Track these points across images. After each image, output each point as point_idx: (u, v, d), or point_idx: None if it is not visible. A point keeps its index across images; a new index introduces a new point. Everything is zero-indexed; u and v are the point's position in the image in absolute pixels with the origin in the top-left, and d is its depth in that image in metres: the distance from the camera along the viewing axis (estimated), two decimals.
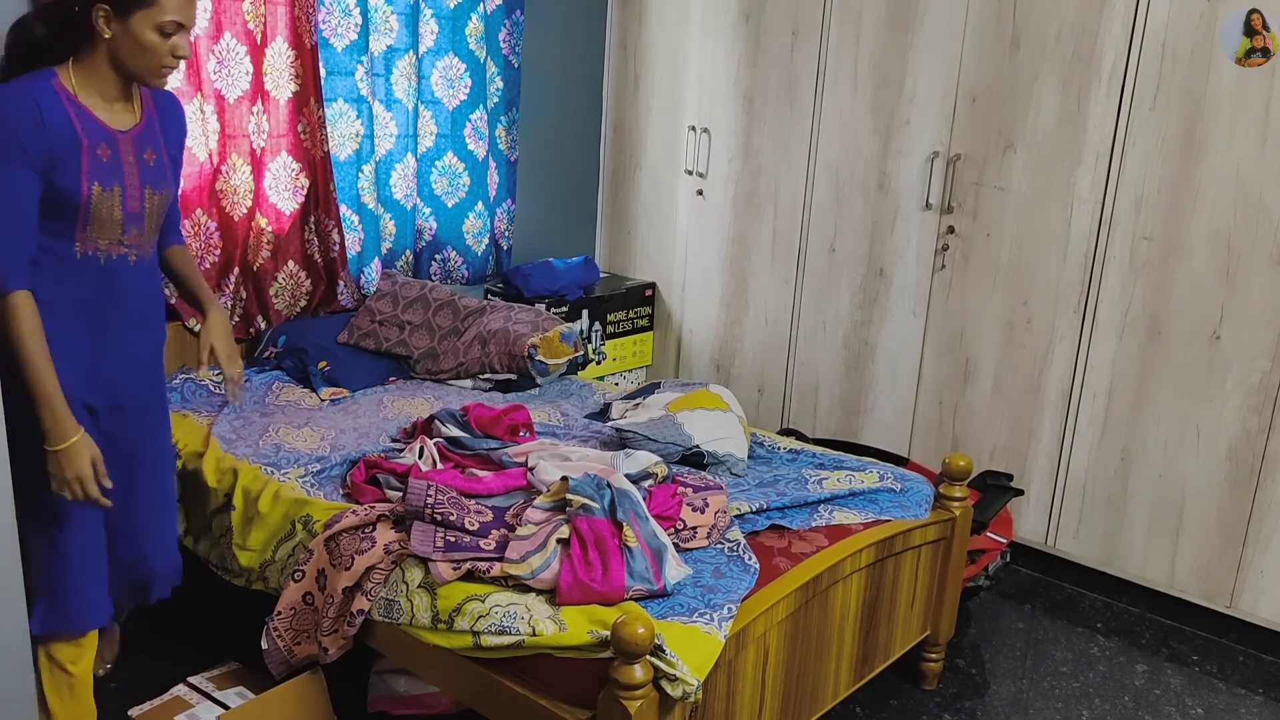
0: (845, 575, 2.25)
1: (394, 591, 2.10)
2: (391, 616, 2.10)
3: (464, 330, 3.40)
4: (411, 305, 3.49)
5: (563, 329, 3.37)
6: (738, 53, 3.93)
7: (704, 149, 4.10)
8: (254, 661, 2.48)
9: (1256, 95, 2.80)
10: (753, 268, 4.02)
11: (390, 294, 3.53)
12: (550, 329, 3.34)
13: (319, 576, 2.24)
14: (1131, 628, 3.16)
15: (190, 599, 2.94)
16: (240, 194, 3.25)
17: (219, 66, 3.14)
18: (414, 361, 3.39)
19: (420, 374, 3.38)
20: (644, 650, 1.72)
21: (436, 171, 3.88)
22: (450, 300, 3.50)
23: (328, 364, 3.22)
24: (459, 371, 3.33)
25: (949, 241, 3.44)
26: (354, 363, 3.30)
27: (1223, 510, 3.00)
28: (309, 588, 2.25)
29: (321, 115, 3.36)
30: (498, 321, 3.37)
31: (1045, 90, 3.17)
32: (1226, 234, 2.90)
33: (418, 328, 3.43)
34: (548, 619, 1.91)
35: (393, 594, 2.10)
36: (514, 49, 4.01)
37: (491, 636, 1.93)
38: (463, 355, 3.33)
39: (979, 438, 3.46)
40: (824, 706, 2.34)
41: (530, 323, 3.35)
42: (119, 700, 2.48)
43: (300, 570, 2.26)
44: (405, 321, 3.45)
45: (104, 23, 1.91)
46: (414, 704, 2.33)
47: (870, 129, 3.58)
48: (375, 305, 3.50)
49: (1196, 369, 2.99)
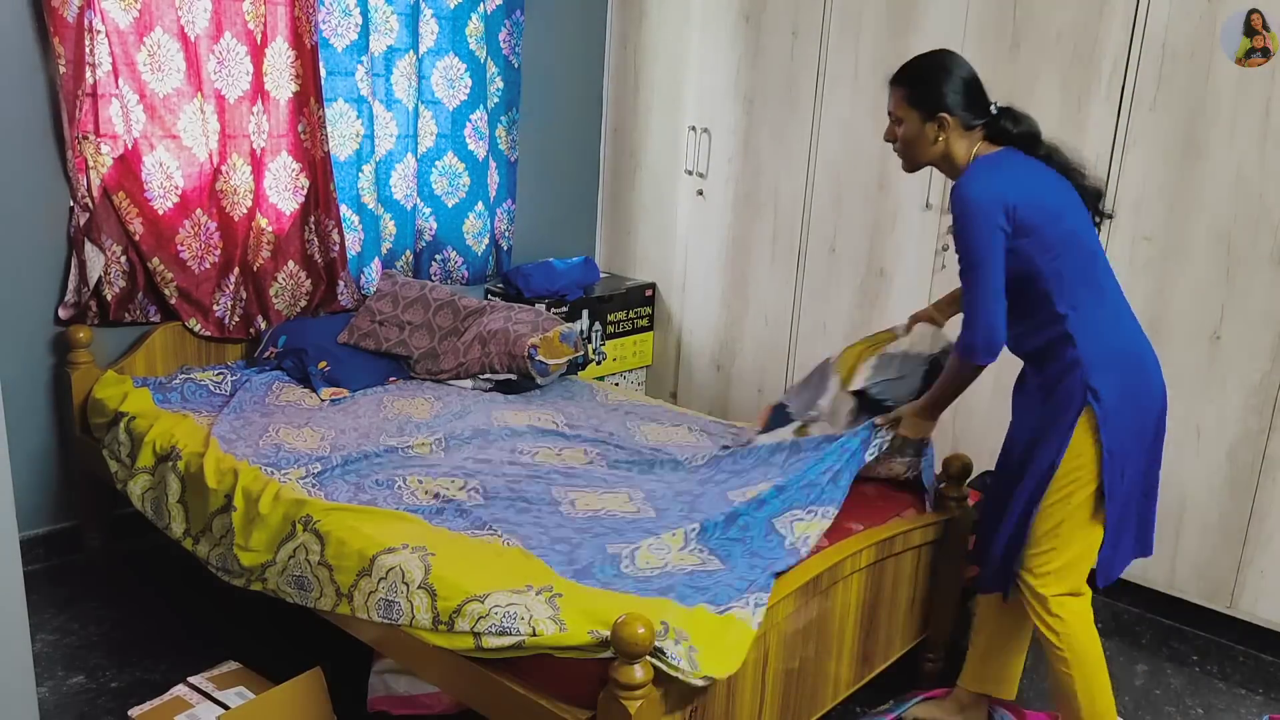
0: (845, 575, 2.25)
1: (394, 592, 2.10)
2: (391, 617, 2.09)
3: (464, 330, 3.40)
4: (411, 305, 3.49)
5: (563, 329, 3.37)
6: (738, 53, 3.93)
7: (704, 149, 4.10)
8: (254, 661, 2.48)
9: (1256, 95, 2.80)
10: (753, 268, 4.02)
11: (390, 294, 3.53)
12: (550, 329, 3.34)
13: None
14: (1131, 628, 3.16)
15: (190, 599, 2.94)
16: (240, 194, 3.25)
17: (219, 66, 3.14)
18: (414, 362, 3.39)
19: (420, 374, 3.38)
20: (644, 650, 1.72)
21: (436, 171, 3.88)
22: (450, 300, 3.50)
23: (327, 364, 3.22)
24: (459, 371, 3.33)
25: (949, 241, 3.44)
26: (354, 363, 3.30)
27: (1223, 510, 3.00)
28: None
29: (321, 115, 3.36)
30: (498, 322, 3.37)
31: (1045, 90, 3.17)
32: (1226, 234, 2.90)
33: (418, 328, 3.43)
34: (548, 619, 1.91)
35: (392, 594, 2.10)
36: (514, 49, 4.01)
37: (492, 638, 1.93)
38: (463, 355, 3.33)
39: (979, 438, 3.45)
40: (824, 707, 2.33)
41: (530, 323, 3.35)
42: (119, 700, 2.48)
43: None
44: (405, 321, 3.45)
45: None
46: (414, 704, 2.33)
47: (870, 129, 3.58)
48: (375, 305, 3.50)
49: (1197, 369, 2.99)
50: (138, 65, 2.98)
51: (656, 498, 2.49)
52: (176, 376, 3.11)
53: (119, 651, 2.69)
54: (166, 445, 2.74)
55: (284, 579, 2.34)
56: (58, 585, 3.00)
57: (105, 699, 2.50)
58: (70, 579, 3.05)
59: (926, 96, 2.21)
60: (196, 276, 3.22)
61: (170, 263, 3.15)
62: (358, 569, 2.19)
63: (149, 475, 2.75)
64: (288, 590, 2.34)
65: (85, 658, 2.66)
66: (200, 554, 2.59)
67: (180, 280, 3.18)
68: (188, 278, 3.20)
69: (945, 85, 2.20)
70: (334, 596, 2.23)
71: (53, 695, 2.50)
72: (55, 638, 2.75)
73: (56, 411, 3.09)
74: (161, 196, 3.10)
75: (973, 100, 2.21)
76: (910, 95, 2.24)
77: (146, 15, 2.97)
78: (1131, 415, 2.17)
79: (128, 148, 3.00)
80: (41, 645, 2.69)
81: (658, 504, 2.45)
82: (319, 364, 3.22)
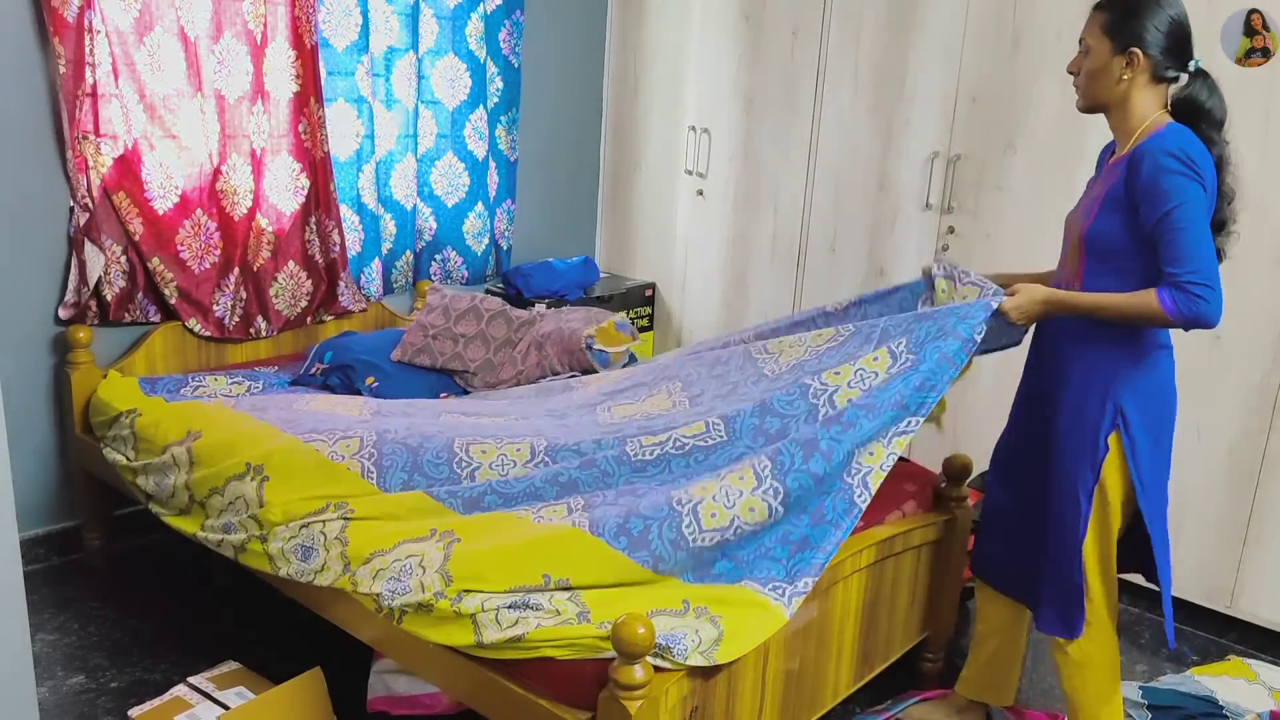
0: (845, 575, 2.25)
1: (406, 573, 2.08)
2: (398, 590, 2.06)
3: (518, 340, 3.32)
4: (464, 317, 3.39)
5: (616, 319, 3.31)
6: (737, 53, 3.93)
7: (704, 149, 4.10)
8: (254, 661, 2.48)
9: (1256, 95, 2.80)
10: (753, 268, 4.02)
11: (440, 307, 3.44)
12: (604, 320, 3.28)
13: None
14: (1131, 628, 3.16)
15: (190, 599, 2.95)
16: (240, 194, 3.25)
17: (219, 66, 3.14)
18: (471, 374, 3.30)
19: (479, 386, 3.27)
20: (644, 650, 1.72)
21: (436, 171, 3.88)
22: (502, 310, 3.41)
23: (375, 379, 3.16)
24: (518, 379, 3.23)
25: (949, 242, 3.44)
26: (403, 378, 3.22)
27: (1223, 510, 3.00)
28: None
29: (321, 115, 3.36)
30: (550, 324, 3.31)
31: (1045, 90, 3.17)
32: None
33: (472, 339, 3.34)
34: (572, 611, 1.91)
35: (404, 575, 2.08)
36: (514, 49, 4.01)
37: (493, 630, 1.92)
38: (520, 363, 3.25)
39: (979, 438, 3.45)
40: (824, 707, 2.33)
41: (582, 319, 3.29)
42: (119, 700, 2.48)
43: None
44: (459, 334, 3.35)
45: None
46: (414, 704, 2.33)
47: (870, 129, 3.58)
48: (427, 320, 3.41)
49: (1197, 369, 2.99)
50: (138, 65, 2.98)
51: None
52: (187, 383, 3.06)
53: (119, 651, 2.69)
54: (181, 431, 2.68)
55: (290, 546, 2.30)
56: (58, 585, 3.00)
57: (105, 699, 2.50)
58: (70, 579, 3.05)
59: (1126, 26, 1.98)
60: (196, 276, 3.22)
61: (170, 263, 3.15)
62: (372, 551, 2.17)
63: (157, 458, 2.69)
64: (287, 559, 2.28)
65: (85, 658, 2.66)
66: (193, 522, 2.55)
67: (180, 280, 3.18)
68: (188, 278, 3.20)
69: (1150, 19, 1.96)
70: (339, 571, 2.19)
71: (53, 695, 2.50)
72: (55, 638, 2.75)
73: (56, 411, 3.09)
74: (161, 196, 3.10)
75: (1175, 47, 1.98)
76: (1109, 21, 2.00)
77: (146, 15, 2.97)
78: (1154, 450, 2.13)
79: (128, 148, 3.00)
80: (41, 645, 2.69)
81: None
82: (367, 380, 3.16)
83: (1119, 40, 1.99)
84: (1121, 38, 1.99)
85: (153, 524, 2.72)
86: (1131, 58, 1.99)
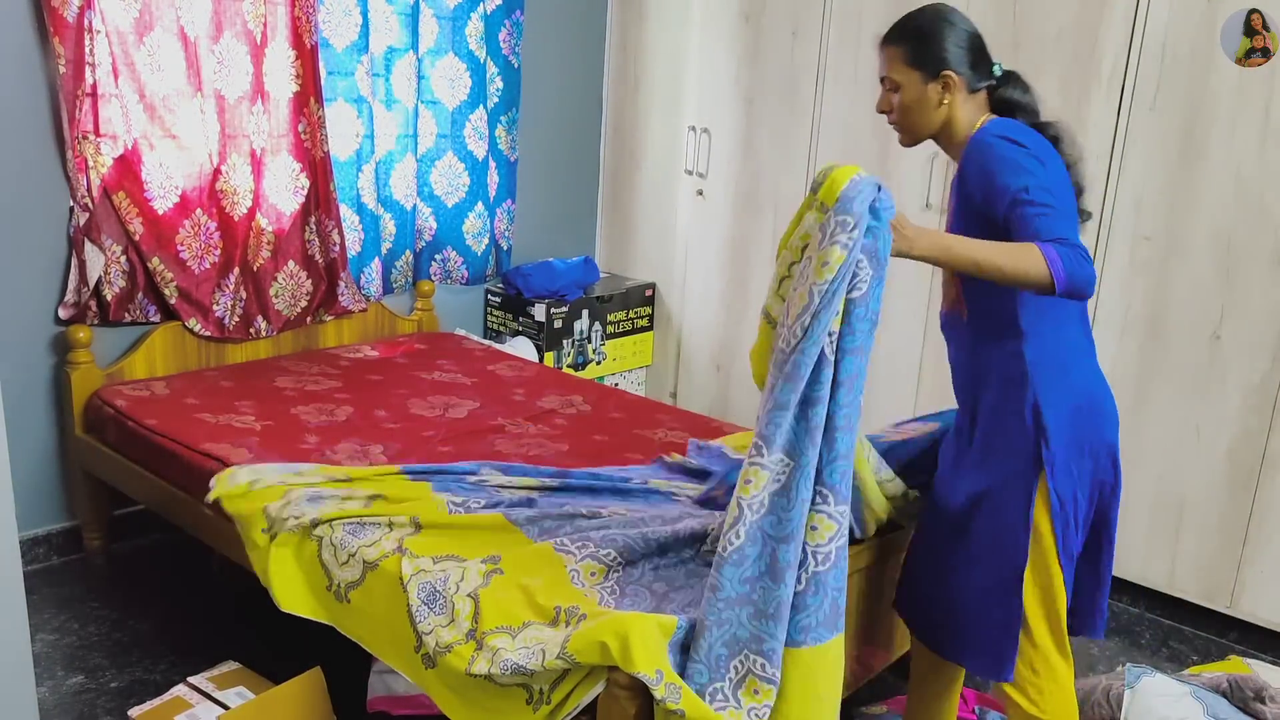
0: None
1: (441, 585, 2.05)
2: (427, 601, 2.03)
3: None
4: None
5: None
6: (737, 53, 3.93)
7: (704, 149, 4.10)
8: (254, 661, 2.48)
9: (1256, 95, 2.80)
10: (753, 268, 4.02)
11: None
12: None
13: None
14: (1131, 628, 3.16)
15: (190, 599, 2.95)
16: (240, 194, 3.25)
17: (219, 66, 3.14)
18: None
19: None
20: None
21: (436, 171, 3.88)
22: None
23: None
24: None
25: None
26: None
27: (1222, 510, 3.00)
28: None
29: (321, 115, 3.36)
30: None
31: (1045, 90, 3.14)
32: (1226, 234, 2.90)
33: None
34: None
35: (439, 585, 2.08)
36: (514, 49, 4.01)
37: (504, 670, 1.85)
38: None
39: None
40: None
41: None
42: (119, 700, 2.48)
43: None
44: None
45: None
46: (414, 704, 2.33)
47: (870, 129, 3.58)
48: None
49: (1196, 369, 2.99)
50: (137, 65, 2.98)
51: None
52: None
53: (119, 651, 2.69)
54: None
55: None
56: (58, 585, 3.00)
57: (105, 699, 2.50)
58: (70, 579, 3.05)
59: (928, 54, 1.96)
60: (196, 276, 3.22)
61: (170, 263, 3.15)
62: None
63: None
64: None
65: (85, 658, 2.66)
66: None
67: (180, 280, 3.18)
68: (188, 278, 3.20)
69: (948, 40, 1.96)
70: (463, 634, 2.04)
71: (53, 695, 2.50)
72: (55, 638, 2.75)
73: (56, 412, 3.09)
74: (161, 196, 3.10)
75: (977, 59, 1.99)
76: (910, 53, 1.98)
77: (146, 15, 2.97)
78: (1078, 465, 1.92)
79: (127, 148, 3.00)
80: (41, 645, 2.69)
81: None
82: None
83: (928, 68, 1.97)
84: (930, 65, 1.97)
85: (153, 524, 2.72)
86: (946, 81, 1.96)
